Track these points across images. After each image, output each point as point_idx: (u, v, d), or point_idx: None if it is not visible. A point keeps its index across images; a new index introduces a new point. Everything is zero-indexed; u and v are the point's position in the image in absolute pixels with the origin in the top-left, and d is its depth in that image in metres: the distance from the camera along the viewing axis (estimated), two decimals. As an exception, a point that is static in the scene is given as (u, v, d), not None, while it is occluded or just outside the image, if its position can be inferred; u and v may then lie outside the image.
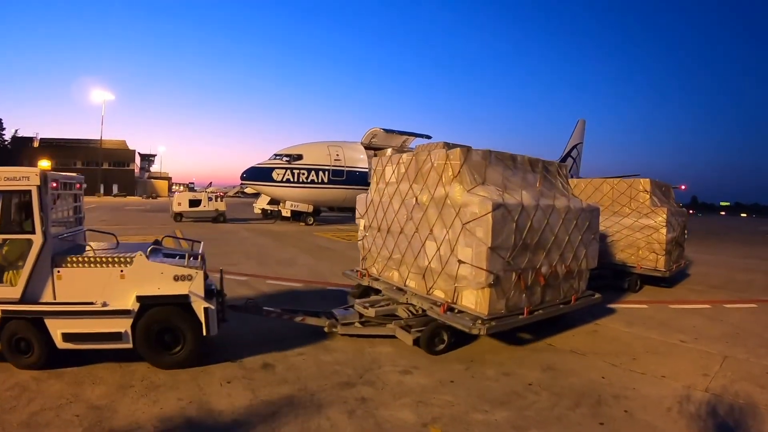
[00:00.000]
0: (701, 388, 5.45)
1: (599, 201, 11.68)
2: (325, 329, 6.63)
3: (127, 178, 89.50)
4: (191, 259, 5.54)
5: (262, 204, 31.54)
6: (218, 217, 28.33)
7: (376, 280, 7.91)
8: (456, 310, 6.16)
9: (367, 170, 28.20)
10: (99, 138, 79.72)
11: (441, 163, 6.58)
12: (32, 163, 78.64)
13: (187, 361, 5.37)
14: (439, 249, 6.42)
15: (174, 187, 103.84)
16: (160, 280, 5.25)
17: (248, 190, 38.48)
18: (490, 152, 6.64)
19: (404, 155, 7.62)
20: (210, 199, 28.92)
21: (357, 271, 8.58)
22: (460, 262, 6.04)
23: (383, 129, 28.28)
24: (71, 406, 4.45)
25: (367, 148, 29.03)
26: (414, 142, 29.52)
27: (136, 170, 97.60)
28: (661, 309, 9.44)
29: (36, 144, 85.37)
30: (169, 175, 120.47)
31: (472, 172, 6.34)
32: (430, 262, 6.59)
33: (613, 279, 11.21)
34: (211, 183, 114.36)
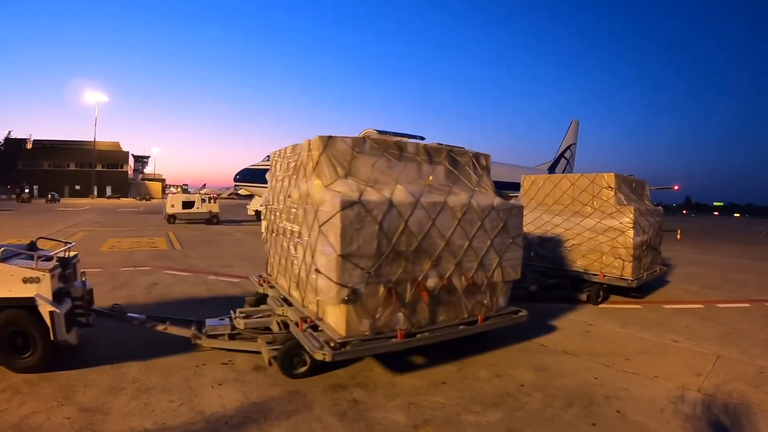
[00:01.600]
0: (694, 389, 5.46)
1: (558, 199, 10.81)
2: (192, 340, 6.02)
3: (120, 179, 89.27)
4: (41, 260, 5.31)
5: (255, 206, 31.42)
6: (212, 219, 28.22)
7: (272, 287, 7.03)
8: (319, 328, 5.27)
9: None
10: (92, 139, 79.46)
11: (305, 155, 5.76)
12: (26, 165, 78.50)
13: (38, 366, 5.18)
14: (304, 255, 5.58)
15: (168, 188, 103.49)
16: (11, 282, 5.09)
17: (242, 192, 38.42)
18: (364, 140, 5.60)
19: (289, 147, 6.74)
20: (203, 200, 28.76)
21: (259, 276, 7.85)
22: (317, 272, 5.16)
23: (377, 130, 28.27)
24: (62, 408, 4.42)
25: (362, 149, 29.01)
26: (408, 144, 29.54)
27: (130, 172, 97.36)
28: (654, 309, 9.46)
29: (29, 145, 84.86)
30: (163, 177, 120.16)
31: (334, 163, 5.35)
32: (299, 270, 5.78)
33: (571, 289, 10.03)
34: (204, 185, 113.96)
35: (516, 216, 6.53)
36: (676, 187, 36.72)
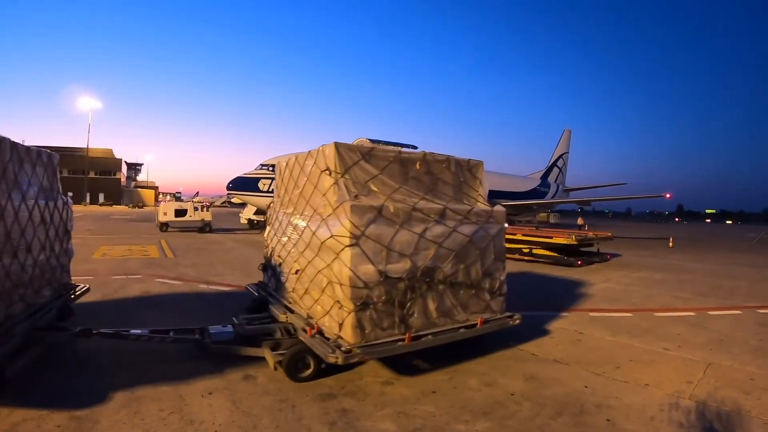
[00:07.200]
0: (685, 396, 5.47)
1: (291, 195, 7.21)
2: None
3: (113, 187, 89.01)
4: None
5: (248, 214, 31.46)
6: (204, 227, 28.14)
7: None
8: None
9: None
10: (85, 146, 79.11)
11: None
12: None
13: None
14: None
15: (160, 196, 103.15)
16: None
17: (235, 200, 38.47)
18: None
19: None
20: (196, 208, 28.76)
21: None
22: None
23: (369, 139, 28.45)
24: (52, 416, 4.38)
25: (355, 157, 29.16)
26: (401, 152, 29.73)
27: (123, 179, 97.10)
28: (645, 317, 9.48)
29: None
30: (156, 185, 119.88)
31: None
32: None
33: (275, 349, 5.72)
34: (197, 192, 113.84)
35: None
36: (668, 195, 36.97)
